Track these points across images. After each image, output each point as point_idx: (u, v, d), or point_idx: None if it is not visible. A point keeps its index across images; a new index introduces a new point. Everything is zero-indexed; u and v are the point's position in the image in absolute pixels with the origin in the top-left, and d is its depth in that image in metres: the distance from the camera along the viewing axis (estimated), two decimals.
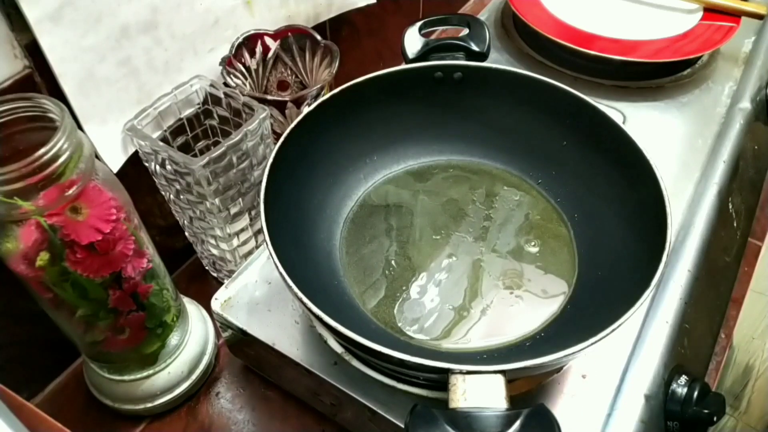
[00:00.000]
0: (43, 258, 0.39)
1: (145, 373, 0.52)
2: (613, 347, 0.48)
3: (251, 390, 0.57)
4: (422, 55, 0.59)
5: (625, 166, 0.49)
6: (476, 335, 0.47)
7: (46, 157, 0.35)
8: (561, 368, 0.46)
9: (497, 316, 0.48)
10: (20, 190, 0.35)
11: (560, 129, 0.55)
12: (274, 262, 0.41)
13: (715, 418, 0.46)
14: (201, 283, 0.65)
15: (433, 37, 0.60)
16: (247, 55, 0.59)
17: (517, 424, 0.33)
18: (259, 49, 0.60)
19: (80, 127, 0.48)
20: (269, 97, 0.55)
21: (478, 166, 0.59)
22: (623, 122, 0.60)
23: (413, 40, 0.60)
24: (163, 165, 0.52)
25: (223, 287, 0.52)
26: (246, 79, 0.60)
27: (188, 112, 0.55)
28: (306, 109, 0.51)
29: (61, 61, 0.45)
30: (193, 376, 0.55)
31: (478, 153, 0.59)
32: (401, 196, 0.57)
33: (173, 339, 0.53)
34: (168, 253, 0.54)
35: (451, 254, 0.53)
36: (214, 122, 0.57)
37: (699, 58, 0.75)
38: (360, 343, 0.37)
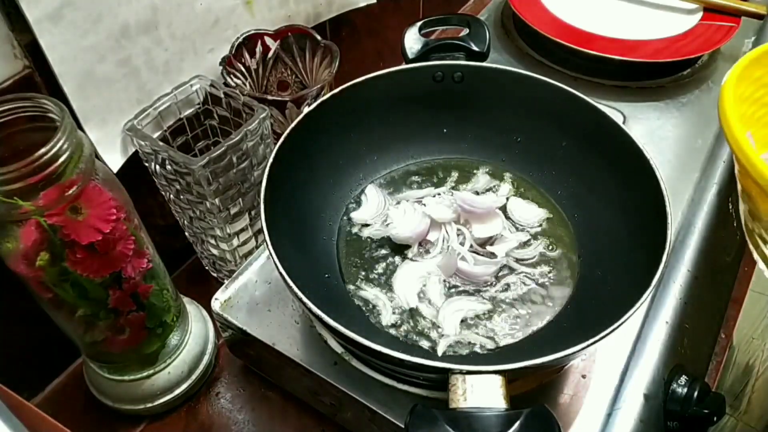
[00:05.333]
0: (43, 258, 0.39)
1: (145, 373, 0.52)
2: (613, 347, 0.48)
3: (251, 390, 0.57)
4: (422, 55, 0.59)
5: (625, 166, 0.49)
6: (477, 335, 0.47)
7: (46, 157, 0.35)
8: (561, 368, 0.46)
9: (498, 316, 0.48)
10: (20, 190, 0.35)
11: (560, 129, 0.55)
12: (274, 262, 0.41)
13: (715, 418, 0.46)
14: (201, 283, 0.65)
15: (433, 37, 0.60)
16: (247, 55, 0.59)
17: (517, 424, 0.33)
18: (259, 49, 0.60)
19: (80, 127, 0.48)
20: (269, 97, 0.55)
21: (478, 166, 0.59)
22: (623, 122, 0.60)
23: (413, 40, 0.60)
24: (163, 165, 0.52)
25: (223, 287, 0.52)
26: (246, 79, 0.60)
27: (188, 112, 0.55)
28: (306, 109, 0.51)
29: (61, 61, 0.45)
30: (193, 376, 0.55)
31: (478, 153, 0.59)
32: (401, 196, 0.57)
33: (173, 339, 0.53)
34: (168, 253, 0.54)
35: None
36: (214, 122, 0.57)
37: (699, 58, 0.75)
38: (360, 343, 0.37)
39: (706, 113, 0.69)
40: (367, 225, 0.55)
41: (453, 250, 0.52)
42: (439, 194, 0.57)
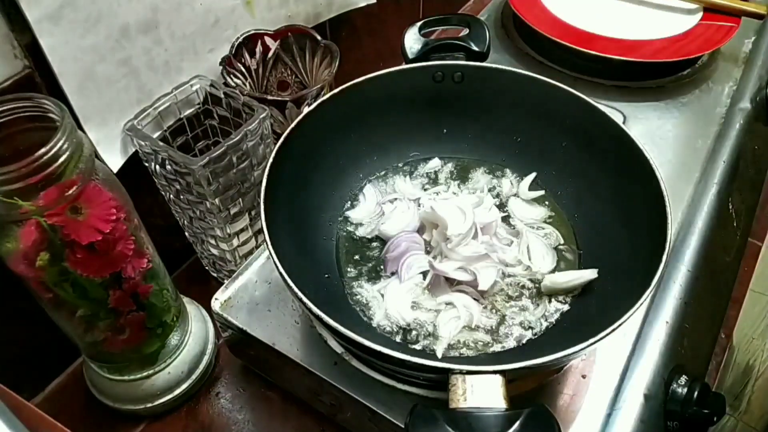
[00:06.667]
0: (43, 258, 0.39)
1: (145, 373, 0.52)
2: (613, 347, 0.48)
3: (251, 390, 0.57)
4: (422, 55, 0.59)
5: (625, 166, 0.49)
6: (476, 335, 0.47)
7: (46, 157, 0.35)
8: (561, 368, 0.46)
9: (498, 316, 0.48)
10: (20, 190, 0.35)
11: (560, 129, 0.55)
12: (274, 262, 0.41)
13: (715, 418, 0.46)
14: (201, 283, 0.65)
15: (433, 37, 0.60)
16: (247, 55, 0.59)
17: (517, 424, 0.33)
18: (259, 49, 0.60)
19: (80, 127, 0.48)
20: (269, 97, 0.55)
21: (478, 165, 0.59)
22: (623, 122, 0.60)
23: (413, 40, 0.60)
24: (163, 165, 0.52)
25: (223, 287, 0.52)
26: (246, 79, 0.60)
27: (188, 112, 0.55)
28: (306, 109, 0.51)
29: (61, 61, 0.45)
30: (193, 376, 0.55)
31: (478, 153, 0.59)
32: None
33: (173, 339, 0.53)
34: (168, 253, 0.54)
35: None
36: (214, 122, 0.57)
37: (699, 58, 0.75)
38: (360, 343, 0.37)
39: (706, 113, 0.69)
40: (363, 224, 0.54)
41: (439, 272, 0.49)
42: (437, 193, 0.57)
